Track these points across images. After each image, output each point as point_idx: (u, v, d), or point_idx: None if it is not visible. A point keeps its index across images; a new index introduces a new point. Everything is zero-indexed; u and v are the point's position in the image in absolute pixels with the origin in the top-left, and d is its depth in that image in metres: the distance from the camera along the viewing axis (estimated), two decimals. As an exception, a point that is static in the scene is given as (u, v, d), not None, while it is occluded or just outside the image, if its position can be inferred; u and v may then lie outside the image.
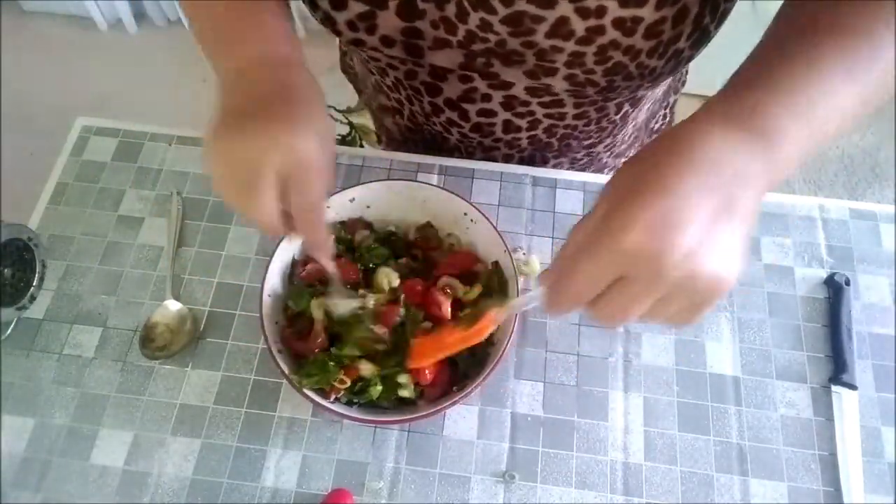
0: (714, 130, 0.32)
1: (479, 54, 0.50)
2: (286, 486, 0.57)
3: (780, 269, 0.67)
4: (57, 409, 0.60)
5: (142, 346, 0.62)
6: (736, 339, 0.63)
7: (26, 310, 0.64)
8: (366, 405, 0.56)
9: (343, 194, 0.61)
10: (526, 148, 0.70)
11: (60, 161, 0.73)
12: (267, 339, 0.54)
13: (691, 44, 0.48)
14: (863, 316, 0.64)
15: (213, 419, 0.60)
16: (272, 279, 0.57)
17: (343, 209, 0.62)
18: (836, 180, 1.82)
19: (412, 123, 0.72)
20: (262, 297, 0.55)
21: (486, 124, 0.64)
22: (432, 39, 0.50)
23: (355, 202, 0.62)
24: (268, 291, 0.56)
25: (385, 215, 0.64)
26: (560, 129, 0.65)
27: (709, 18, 0.47)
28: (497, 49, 0.49)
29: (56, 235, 0.68)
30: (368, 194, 0.62)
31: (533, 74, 0.51)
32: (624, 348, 0.63)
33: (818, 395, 0.61)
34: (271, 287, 0.57)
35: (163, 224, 0.69)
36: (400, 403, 0.56)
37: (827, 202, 0.71)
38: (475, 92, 0.58)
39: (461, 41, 0.49)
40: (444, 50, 0.51)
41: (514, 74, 0.52)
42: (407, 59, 0.54)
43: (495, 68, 0.51)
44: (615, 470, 0.58)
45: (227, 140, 0.39)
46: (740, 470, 0.58)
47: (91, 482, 0.57)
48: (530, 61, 0.49)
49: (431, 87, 0.60)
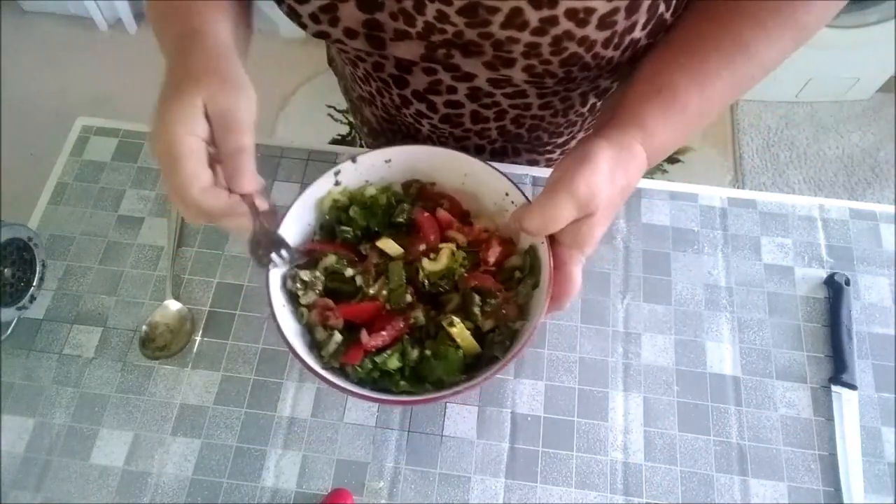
0: (610, 146, 0.44)
1: (439, 45, 0.51)
2: (286, 486, 0.57)
3: (780, 269, 0.67)
4: (57, 409, 0.60)
5: (142, 346, 0.62)
6: (736, 339, 0.63)
7: (26, 310, 0.64)
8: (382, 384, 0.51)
9: (378, 153, 0.55)
10: (497, 139, 0.71)
11: (60, 161, 0.73)
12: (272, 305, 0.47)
13: (647, 33, 0.50)
14: (863, 316, 0.64)
15: (213, 419, 0.60)
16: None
17: (374, 171, 0.56)
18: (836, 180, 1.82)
19: (386, 114, 0.73)
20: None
21: (455, 115, 0.65)
22: (392, 31, 0.51)
23: (392, 165, 0.56)
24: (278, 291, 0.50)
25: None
26: (528, 120, 0.66)
27: (663, 7, 0.49)
28: (455, 40, 0.50)
29: (56, 235, 0.68)
30: (406, 157, 0.56)
31: (492, 66, 0.52)
32: (624, 348, 0.63)
33: (818, 395, 0.61)
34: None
35: (163, 224, 0.69)
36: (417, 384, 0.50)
37: (827, 202, 0.71)
38: (440, 84, 0.60)
39: (420, 32, 0.50)
40: (404, 41, 0.52)
41: (474, 66, 0.53)
42: (372, 52, 0.56)
43: (456, 59, 0.52)
44: (615, 470, 0.58)
45: (152, 121, 0.42)
46: (740, 470, 0.58)
47: (91, 482, 0.57)
48: (488, 52, 0.50)
49: (398, 80, 0.61)
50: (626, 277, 0.66)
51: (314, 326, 0.51)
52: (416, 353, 0.50)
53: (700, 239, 0.68)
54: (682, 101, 0.45)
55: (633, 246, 0.68)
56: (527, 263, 0.51)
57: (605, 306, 0.65)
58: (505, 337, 0.50)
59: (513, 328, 0.50)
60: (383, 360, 0.49)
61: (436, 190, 0.58)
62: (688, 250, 0.68)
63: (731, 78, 0.46)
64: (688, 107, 0.45)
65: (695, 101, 0.46)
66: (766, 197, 0.71)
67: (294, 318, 0.51)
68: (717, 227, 0.69)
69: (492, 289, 0.51)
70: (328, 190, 0.55)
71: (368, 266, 0.53)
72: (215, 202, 0.42)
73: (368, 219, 0.56)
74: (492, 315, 0.50)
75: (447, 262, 0.52)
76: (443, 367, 0.49)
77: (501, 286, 0.52)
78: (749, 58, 0.45)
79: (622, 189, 0.44)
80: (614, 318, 0.64)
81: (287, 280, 0.52)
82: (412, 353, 0.50)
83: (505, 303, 0.50)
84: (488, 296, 0.51)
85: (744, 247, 0.68)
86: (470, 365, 0.50)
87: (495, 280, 0.52)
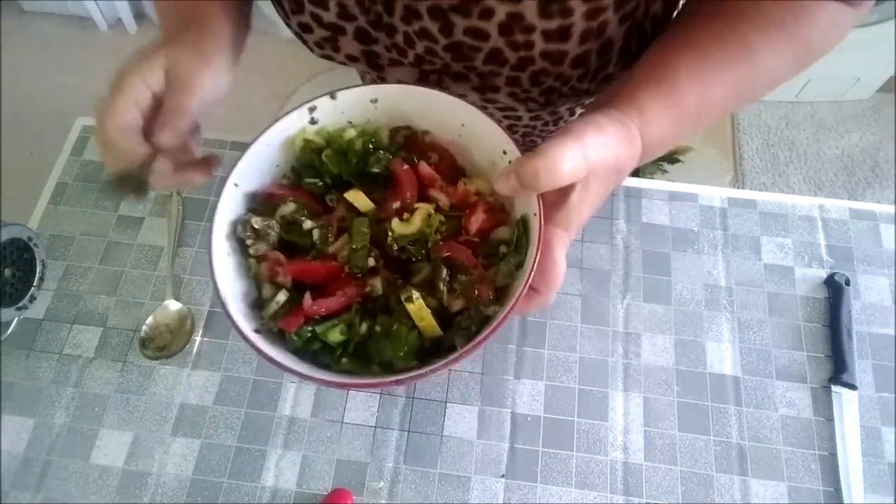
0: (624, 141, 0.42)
1: (430, 73, 0.55)
2: (286, 486, 0.57)
3: (780, 269, 0.67)
4: (57, 409, 0.60)
5: (142, 346, 0.62)
6: (736, 339, 0.63)
7: (26, 310, 0.64)
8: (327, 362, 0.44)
9: (362, 90, 0.47)
10: None
11: (60, 161, 0.73)
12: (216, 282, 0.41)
13: (620, 68, 0.53)
14: (863, 316, 0.64)
15: (213, 419, 0.60)
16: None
17: (357, 111, 0.48)
18: (836, 180, 1.82)
19: None
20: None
21: None
22: (388, 60, 0.55)
23: (379, 106, 0.48)
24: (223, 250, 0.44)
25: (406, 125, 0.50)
26: (521, 128, 0.69)
27: (635, 46, 0.52)
28: (444, 70, 0.53)
29: (56, 235, 0.68)
30: (396, 99, 0.48)
31: (480, 90, 0.55)
32: (624, 348, 0.63)
33: (818, 395, 0.61)
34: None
35: (163, 224, 0.69)
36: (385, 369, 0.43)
37: (827, 202, 0.71)
38: None
39: (412, 62, 0.54)
40: (399, 67, 0.56)
41: (464, 88, 0.56)
42: (372, 72, 0.59)
43: (447, 83, 0.56)
44: (615, 470, 0.58)
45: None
46: (740, 470, 0.58)
47: (91, 482, 0.57)
48: (475, 81, 0.54)
49: None
50: (626, 277, 0.66)
51: (262, 282, 0.45)
52: (365, 327, 0.43)
53: (700, 239, 0.68)
54: (680, 92, 0.44)
55: (633, 246, 0.68)
56: (514, 237, 0.43)
57: (605, 306, 0.65)
58: (473, 322, 0.42)
59: (484, 313, 0.42)
60: (325, 329, 0.42)
61: (428, 140, 0.49)
62: (688, 250, 0.68)
63: (732, 80, 0.45)
64: (686, 101, 0.44)
65: (693, 98, 0.45)
66: (766, 197, 0.71)
67: (240, 271, 0.45)
68: (717, 227, 0.69)
69: (465, 263, 0.43)
70: (301, 128, 0.47)
71: (331, 220, 0.46)
72: (124, 142, 0.42)
73: (341, 165, 0.48)
74: (462, 295, 0.43)
75: (420, 225, 0.44)
76: (392, 348, 0.42)
77: (478, 261, 0.44)
78: (752, 62, 0.45)
79: (618, 171, 0.41)
80: (614, 317, 0.64)
81: (237, 226, 0.45)
82: (360, 326, 0.42)
83: (479, 281, 0.43)
84: (460, 271, 0.43)
85: (744, 247, 0.68)
86: (428, 350, 0.43)
87: (473, 253, 0.44)
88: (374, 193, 0.47)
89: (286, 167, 0.49)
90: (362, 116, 0.48)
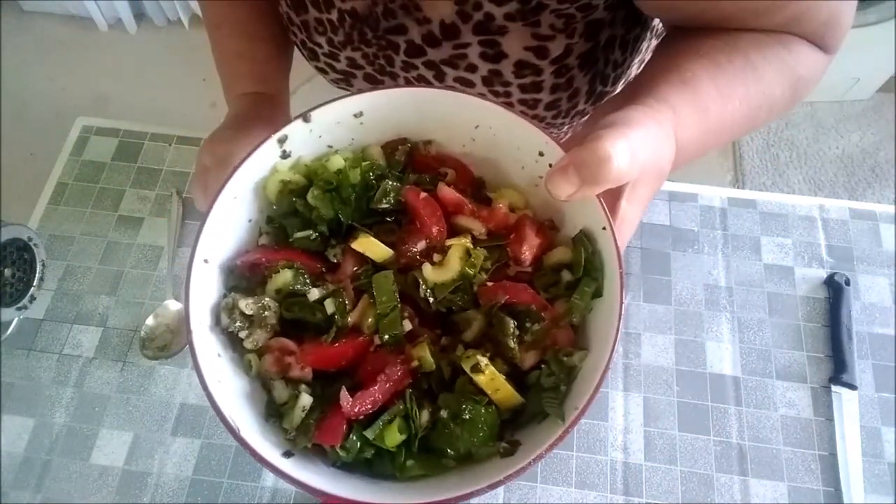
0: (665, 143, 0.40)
1: None
2: (286, 485, 0.57)
3: (780, 269, 0.67)
4: (57, 409, 0.60)
5: (142, 346, 0.62)
6: (736, 339, 0.63)
7: (26, 310, 0.63)
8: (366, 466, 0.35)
9: (342, 104, 0.37)
10: None
11: (60, 161, 0.73)
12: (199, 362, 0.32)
13: (591, 105, 0.58)
14: (863, 316, 0.64)
15: (213, 419, 0.59)
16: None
17: (339, 132, 0.39)
18: (836, 180, 1.82)
19: None
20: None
21: None
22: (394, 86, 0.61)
23: (366, 120, 0.39)
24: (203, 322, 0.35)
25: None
26: None
27: (600, 87, 0.56)
28: None
29: (56, 235, 0.68)
30: (386, 107, 0.38)
31: None
32: (624, 348, 0.63)
33: (818, 395, 0.61)
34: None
35: (163, 224, 0.69)
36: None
37: (827, 202, 0.71)
38: None
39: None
40: None
41: None
42: None
43: None
44: (615, 470, 0.58)
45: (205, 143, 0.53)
46: (740, 470, 0.58)
47: (91, 482, 0.57)
48: None
49: None
50: (626, 277, 0.66)
51: (270, 380, 0.36)
52: (427, 415, 0.34)
53: (700, 239, 0.68)
54: (703, 97, 0.40)
55: (633, 245, 0.68)
56: (581, 259, 0.35)
57: (605, 306, 0.65)
58: (557, 378, 0.34)
59: (568, 364, 0.34)
60: (377, 431, 0.33)
61: (433, 152, 0.41)
62: (688, 250, 0.68)
63: (744, 95, 0.43)
64: (708, 107, 0.41)
65: (714, 107, 0.41)
66: (766, 197, 0.71)
67: (238, 373, 0.35)
68: (717, 227, 0.69)
69: (532, 306, 0.35)
70: (272, 166, 0.38)
71: (341, 281, 0.37)
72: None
73: (335, 206, 0.38)
74: (535, 345, 0.35)
75: (460, 267, 0.36)
76: (468, 434, 0.33)
77: (544, 300, 0.35)
78: (758, 81, 0.43)
79: (659, 172, 0.35)
80: (614, 318, 0.64)
81: (220, 315, 0.35)
82: (420, 416, 0.34)
83: (554, 325, 0.35)
84: (528, 317, 0.35)
85: (744, 247, 0.68)
86: (507, 421, 0.35)
87: (534, 289, 0.36)
88: (386, 235, 0.38)
89: (261, 218, 0.39)
90: (345, 136, 0.39)
